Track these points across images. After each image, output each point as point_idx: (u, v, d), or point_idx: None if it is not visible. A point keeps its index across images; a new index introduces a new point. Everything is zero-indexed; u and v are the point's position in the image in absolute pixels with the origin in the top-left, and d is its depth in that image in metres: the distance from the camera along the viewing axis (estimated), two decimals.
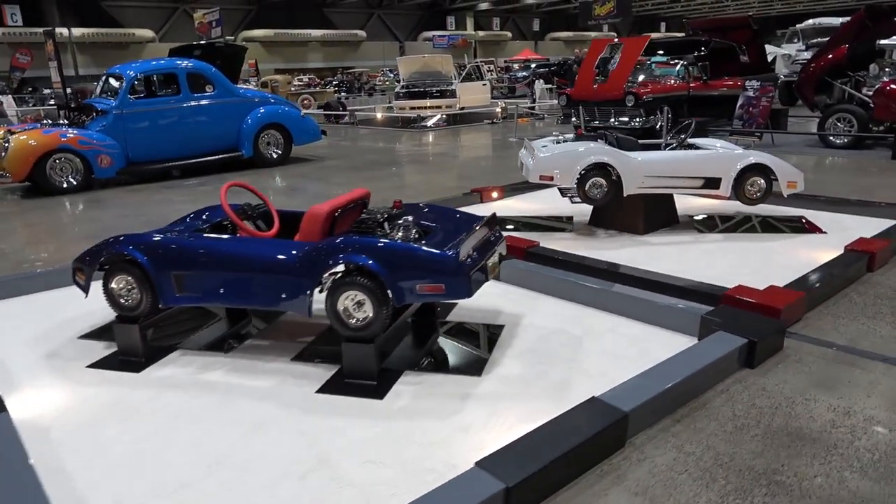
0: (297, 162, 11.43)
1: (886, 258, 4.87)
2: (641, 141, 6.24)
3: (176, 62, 10.25)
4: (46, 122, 10.44)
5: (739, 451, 2.67)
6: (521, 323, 4.03)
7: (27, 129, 9.45)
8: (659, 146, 6.15)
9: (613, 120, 12.48)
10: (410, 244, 3.22)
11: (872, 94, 10.18)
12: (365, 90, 34.85)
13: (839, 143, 10.46)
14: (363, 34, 55.30)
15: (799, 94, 11.49)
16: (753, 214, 6.31)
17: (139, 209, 8.11)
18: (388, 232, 3.43)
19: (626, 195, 5.58)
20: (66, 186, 9.14)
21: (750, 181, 5.81)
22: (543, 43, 57.06)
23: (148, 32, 50.45)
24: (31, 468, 2.54)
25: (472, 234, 3.41)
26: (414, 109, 17.00)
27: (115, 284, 3.63)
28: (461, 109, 18.17)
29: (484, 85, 18.95)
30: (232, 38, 52.04)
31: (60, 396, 3.38)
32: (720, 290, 4.08)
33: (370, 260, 3.17)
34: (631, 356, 3.51)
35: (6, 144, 8.89)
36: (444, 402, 3.13)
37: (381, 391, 3.24)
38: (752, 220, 6.17)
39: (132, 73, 9.82)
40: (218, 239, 3.59)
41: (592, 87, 12.72)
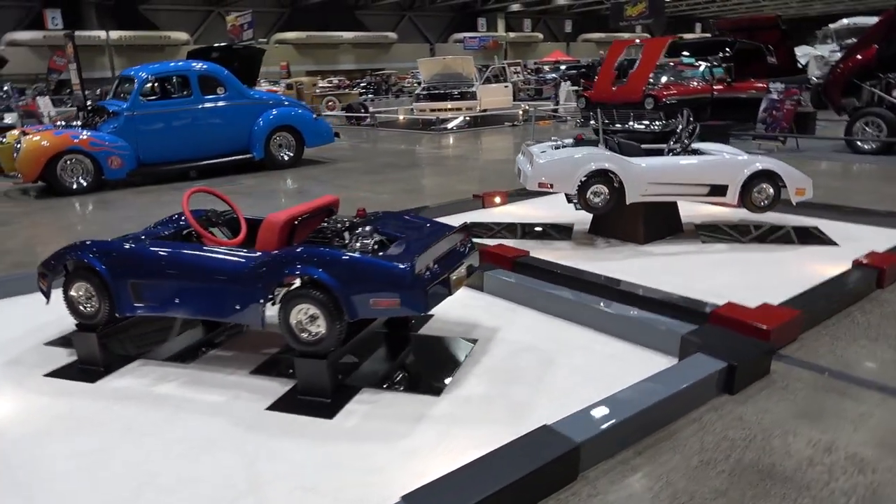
0: (309, 164, 11.36)
1: (894, 276, 4.55)
2: (644, 146, 5.98)
3: (187, 64, 10.26)
4: (60, 123, 10.54)
5: (701, 489, 2.45)
6: (495, 337, 3.84)
7: (40, 130, 9.54)
8: (662, 151, 5.89)
9: (631, 123, 12.22)
10: (364, 256, 3.06)
11: None
12: (392, 92, 34.84)
13: (867, 148, 10.01)
14: (394, 36, 55.47)
15: (825, 96, 11.04)
16: (763, 224, 6.01)
17: (145, 211, 8.09)
18: (346, 242, 3.27)
19: (628, 203, 5.35)
20: (75, 187, 9.20)
21: (757, 188, 5.53)
22: (575, 44, 56.46)
23: (183, 35, 51.34)
24: None
25: (435, 245, 3.24)
26: (434, 111, 16.85)
27: (74, 292, 3.54)
28: (483, 111, 17.98)
29: (506, 87, 18.73)
30: (265, 40, 52.68)
31: (11, 406, 3.31)
32: (710, 306, 3.84)
33: (323, 272, 3.02)
34: (603, 377, 3.29)
35: (18, 145, 8.98)
36: (395, 423, 2.96)
37: (333, 409, 3.08)
38: (760, 229, 5.87)
39: (144, 75, 9.85)
40: (173, 247, 3.47)
41: (611, 89, 12.42)
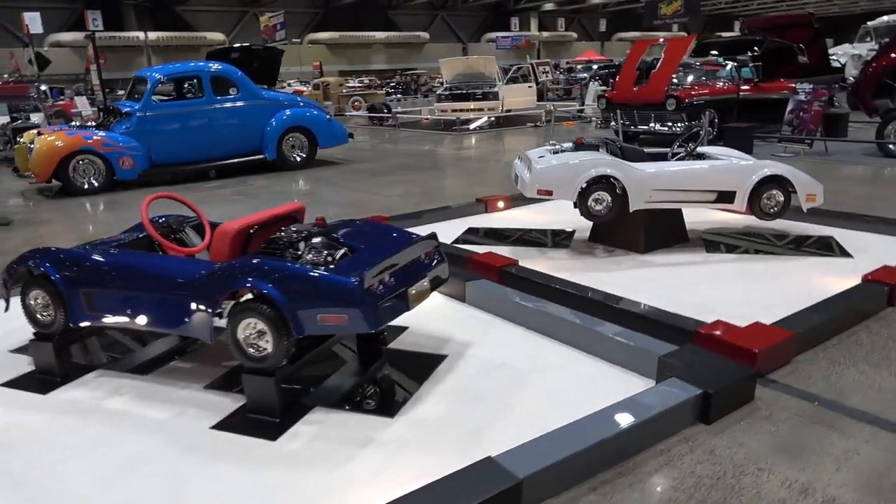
0: (321, 165, 11.27)
1: None
2: (647, 150, 5.71)
3: (200, 65, 10.25)
4: (74, 123, 10.63)
5: None
6: (466, 353, 3.64)
7: (54, 130, 9.63)
8: (665, 155, 5.61)
9: (653, 125, 11.87)
10: (311, 268, 2.89)
11: None
12: (421, 92, 34.75)
13: None
14: (426, 36, 55.43)
15: (856, 97, 10.55)
16: (775, 232, 5.69)
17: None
18: (299, 253, 3.10)
19: (632, 211, 5.09)
20: (87, 188, 9.25)
21: (767, 194, 5.24)
22: (610, 44, 55.67)
23: (219, 35, 52.07)
24: None
25: (392, 256, 3.06)
26: (456, 112, 16.66)
27: (31, 300, 3.45)
28: (507, 111, 17.73)
29: (529, 87, 18.42)
30: (298, 40, 53.19)
31: None
32: (697, 324, 3.58)
33: (268, 285, 2.86)
34: (572, 401, 3.06)
35: (31, 146, 9.07)
36: (340, 447, 2.78)
37: (280, 430, 2.92)
38: (770, 239, 5.55)
39: (156, 76, 9.87)
40: (122, 256, 3.35)
41: (632, 89, 12.07)
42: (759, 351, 3.18)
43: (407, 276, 3.13)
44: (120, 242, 3.63)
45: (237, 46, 13.39)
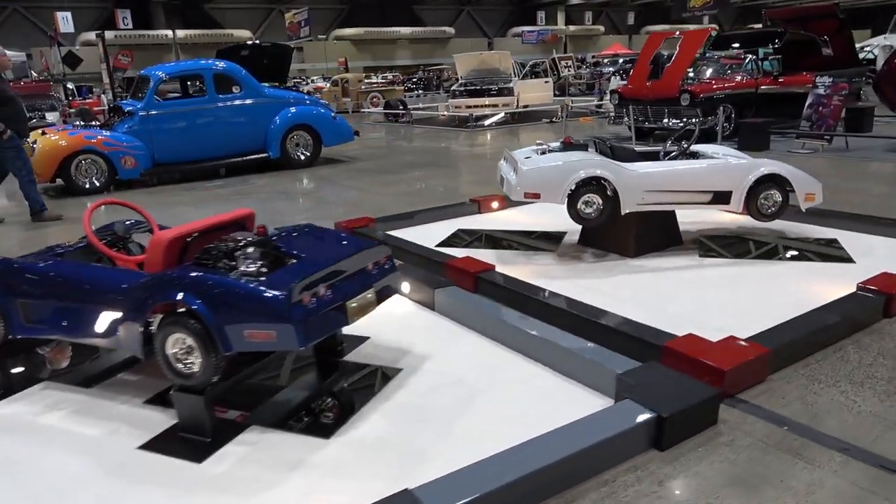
0: (326, 163, 11.16)
1: None
2: (639, 149, 5.45)
3: (203, 63, 10.20)
4: (78, 123, 10.67)
5: None
6: (423, 367, 3.46)
7: (58, 130, 9.66)
8: (657, 154, 5.35)
9: (666, 121, 11.52)
10: (238, 281, 2.73)
11: None
12: (443, 87, 34.51)
13: None
14: (451, 31, 55.17)
15: (878, 91, 10.08)
16: (775, 235, 5.40)
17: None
18: (232, 264, 2.95)
19: (623, 213, 4.85)
20: (88, 187, 9.26)
21: (764, 194, 4.99)
22: (638, 37, 54.78)
23: (245, 33, 52.47)
24: None
25: (331, 267, 2.89)
26: (470, 108, 16.43)
27: None
28: (525, 107, 17.44)
29: (546, 82, 18.10)
30: (323, 36, 53.36)
31: None
32: (670, 338, 3.35)
33: (194, 298, 2.71)
34: (524, 420, 2.86)
35: (34, 145, 9.10)
36: (266, 471, 2.63)
37: (208, 451, 2.77)
38: (769, 242, 5.26)
39: (159, 74, 9.85)
40: (59, 265, 3.23)
41: (646, 84, 11.73)
42: (727, 370, 2.95)
43: (349, 287, 2.96)
44: (65, 251, 3.52)
45: (247, 44, 13.35)
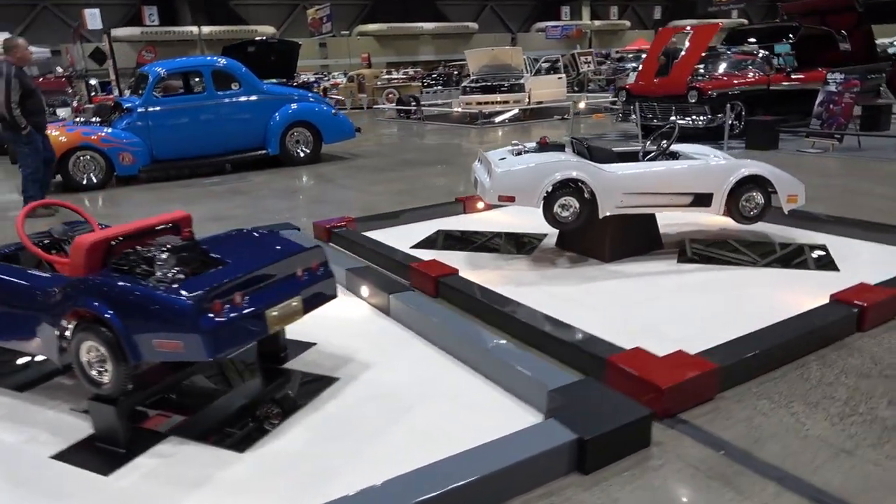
0: (326, 161, 11.09)
1: (888, 314, 3.68)
2: (616, 149, 5.26)
3: (202, 60, 10.19)
4: (79, 119, 10.73)
5: None
6: (361, 376, 3.34)
7: (59, 125, 9.72)
8: (636, 155, 5.16)
9: (674, 118, 11.22)
10: (147, 288, 2.63)
11: None
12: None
13: None
14: (475, 26, 54.91)
15: (890, 87, 9.69)
16: (761, 240, 5.18)
17: (140, 208, 8.02)
18: (150, 269, 2.85)
19: (602, 217, 4.68)
20: (85, 183, 9.29)
21: (746, 196, 4.80)
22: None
23: (269, 29, 52.83)
24: None
25: (252, 273, 2.79)
26: (481, 105, 16.24)
27: None
28: (539, 104, 17.21)
29: (559, 79, 17.84)
30: (347, 32, 53.45)
31: None
32: (617, 350, 3.18)
33: (104, 305, 2.63)
34: (449, 436, 2.72)
35: None
36: (170, 487, 2.53)
37: (119, 462, 2.68)
38: (751, 247, 5.04)
39: (157, 70, 9.86)
40: None
41: (653, 80, 11.45)
42: (665, 388, 2.78)
43: (272, 294, 2.85)
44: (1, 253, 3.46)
45: (254, 40, 13.35)
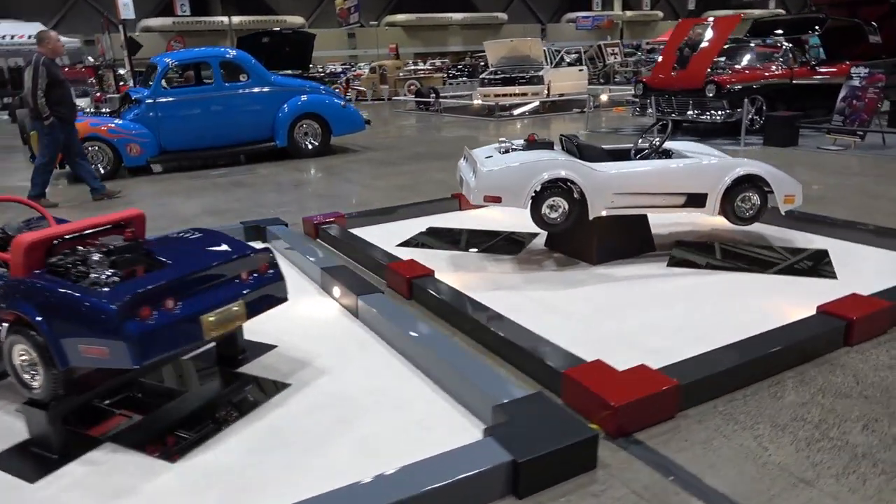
0: (335, 153, 11.00)
1: (879, 328, 3.45)
2: (607, 147, 5.06)
3: (210, 51, 10.17)
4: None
5: None
6: (315, 382, 3.23)
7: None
8: (628, 153, 4.96)
9: (691, 112, 10.91)
10: (74, 291, 2.54)
11: None
12: None
13: None
14: (504, 17, 54.44)
15: None
16: (760, 244, 4.95)
17: (139, 201, 8.02)
18: (86, 271, 2.76)
19: (591, 218, 4.50)
20: None
21: (741, 196, 4.60)
22: None
23: (298, 19, 52.99)
24: None
25: (189, 276, 2.69)
26: (498, 97, 16.01)
27: None
28: (560, 96, 16.92)
29: (580, 70, 17.51)
30: (375, 22, 53.37)
31: None
32: (577, 363, 3.02)
33: (32, 308, 2.55)
34: (390, 450, 2.60)
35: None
36: (92, 497, 2.44)
37: (47, 469, 2.61)
38: (748, 251, 4.81)
39: (167, 61, 9.86)
40: None
41: (670, 74, 11.12)
42: (618, 406, 2.61)
43: (211, 298, 2.75)
44: None
45: (268, 31, 13.31)
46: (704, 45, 10.75)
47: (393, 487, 2.24)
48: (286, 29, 14.46)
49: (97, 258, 2.70)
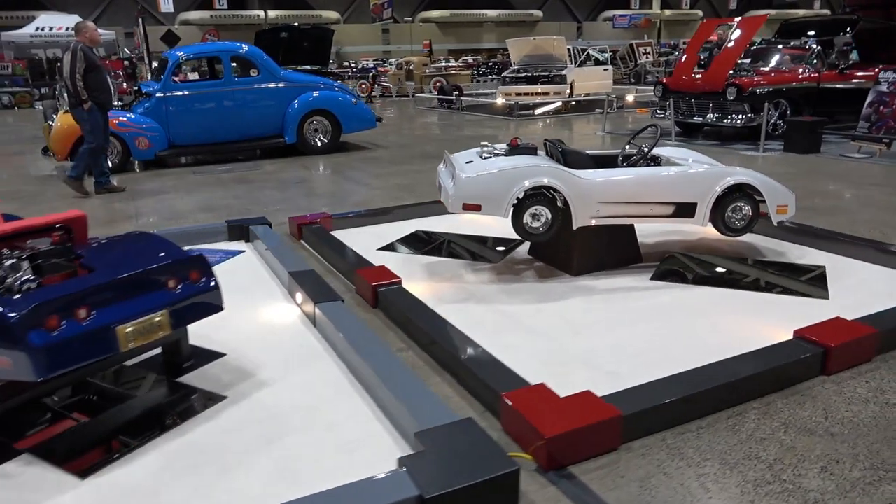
0: (345, 150, 10.91)
1: (861, 356, 3.19)
2: (591, 152, 4.83)
3: (221, 46, 10.15)
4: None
5: None
6: (252, 396, 3.09)
7: None
8: (616, 159, 4.73)
9: (711, 116, 10.55)
10: None
11: None
12: None
13: None
14: (540, 14, 53.91)
15: None
16: (752, 257, 4.69)
17: (139, 196, 8.02)
18: (3, 276, 2.67)
19: (576, 228, 4.31)
20: None
21: (732, 206, 4.37)
22: None
23: (333, 14, 53.19)
24: None
25: (107, 283, 2.58)
26: (519, 96, 15.75)
27: None
28: (586, 96, 16.59)
29: (605, 70, 17.14)
30: (410, 19, 53.31)
31: None
32: (521, 384, 2.84)
33: None
34: (311, 475, 2.46)
35: (51, 124, 9.32)
36: None
37: None
38: (738, 266, 4.56)
39: (178, 54, 9.87)
40: None
41: (691, 75, 10.76)
42: (548, 437, 2.42)
43: (130, 307, 2.64)
44: None
45: (286, 26, 13.26)
46: (727, 46, 10.37)
47: None
48: (304, 24, 14.40)
49: (11, 263, 2.61)
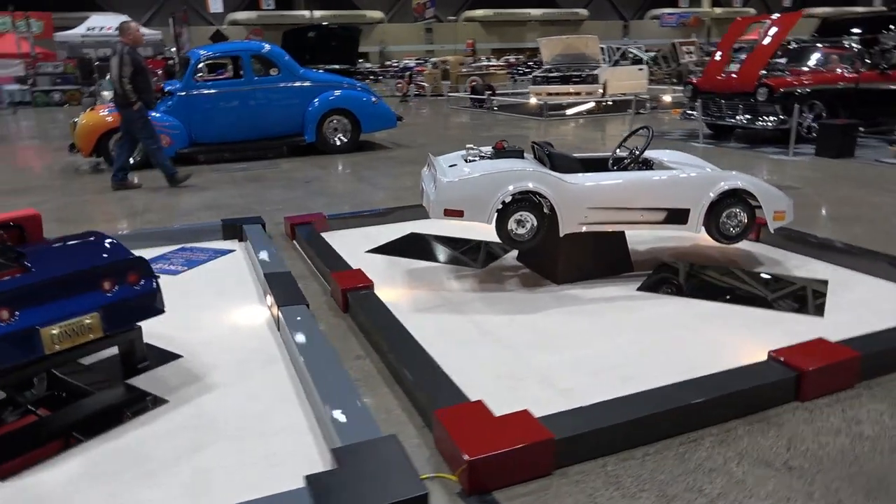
0: (364, 149, 10.86)
1: (841, 382, 2.94)
2: (579, 155, 4.63)
3: (242, 45, 10.22)
4: None
5: None
6: (194, 401, 3.02)
7: (101, 107, 10.05)
8: (606, 163, 4.53)
9: (741, 118, 10.15)
10: None
11: None
12: None
13: None
14: (585, 13, 53.26)
15: None
16: (748, 268, 4.43)
17: (150, 193, 8.11)
18: None
19: (563, 234, 4.15)
20: None
21: (727, 212, 4.14)
22: None
23: (378, 13, 53.57)
24: None
25: (34, 284, 2.55)
26: (550, 95, 15.48)
27: None
28: (622, 95, 16.21)
29: (640, 70, 16.70)
30: (454, 18, 53.25)
31: None
32: (460, 400, 2.70)
33: None
34: (226, 487, 2.38)
35: (76, 121, 9.53)
36: None
37: None
38: (731, 278, 4.31)
39: (200, 53, 9.98)
40: None
41: (721, 75, 10.38)
42: (472, 459, 2.28)
43: (59, 308, 2.60)
44: None
45: (314, 25, 13.33)
46: (760, 44, 9.96)
47: None
48: (332, 24, 14.44)
49: None
